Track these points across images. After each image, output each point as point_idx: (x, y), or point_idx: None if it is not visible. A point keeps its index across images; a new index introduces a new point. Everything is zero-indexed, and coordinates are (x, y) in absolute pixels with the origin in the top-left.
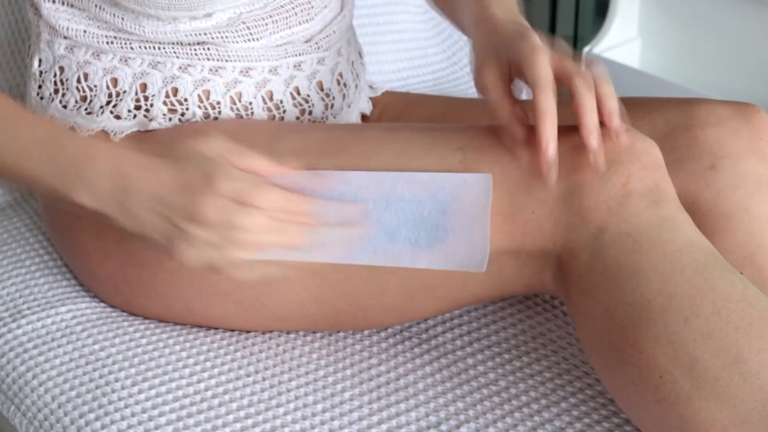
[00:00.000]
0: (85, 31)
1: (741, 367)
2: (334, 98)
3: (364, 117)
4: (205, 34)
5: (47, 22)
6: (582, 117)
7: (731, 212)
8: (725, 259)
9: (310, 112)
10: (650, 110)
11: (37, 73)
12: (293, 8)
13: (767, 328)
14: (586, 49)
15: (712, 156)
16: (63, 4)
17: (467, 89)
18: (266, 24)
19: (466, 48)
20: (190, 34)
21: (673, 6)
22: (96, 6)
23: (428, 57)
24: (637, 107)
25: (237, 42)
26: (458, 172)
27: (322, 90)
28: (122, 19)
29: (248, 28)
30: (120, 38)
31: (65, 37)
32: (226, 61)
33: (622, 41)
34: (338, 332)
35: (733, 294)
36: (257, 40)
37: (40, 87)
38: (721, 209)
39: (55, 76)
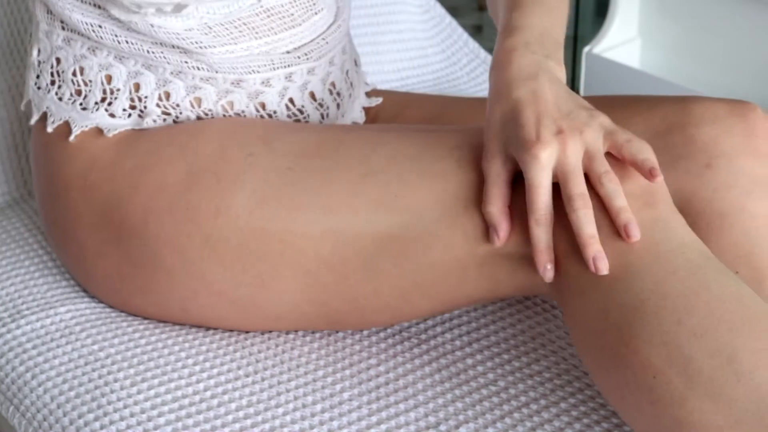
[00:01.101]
0: (69, 17)
1: (735, 367)
2: (328, 108)
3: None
4: (178, 36)
5: (45, 5)
6: (578, 234)
7: (727, 211)
8: (721, 258)
9: (306, 122)
10: (646, 108)
11: (36, 63)
12: (268, 17)
13: (762, 328)
14: (586, 49)
15: (707, 155)
16: None
17: (466, 89)
18: (241, 31)
19: (465, 48)
20: (167, 34)
21: (673, 6)
22: None
23: (428, 57)
24: (632, 105)
25: (215, 47)
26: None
27: (315, 100)
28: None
29: (228, 31)
30: (104, 27)
31: (63, 28)
32: (216, 72)
33: (622, 41)
34: (337, 332)
35: (726, 295)
36: (235, 44)
37: (38, 77)
38: (716, 208)
39: (52, 66)
